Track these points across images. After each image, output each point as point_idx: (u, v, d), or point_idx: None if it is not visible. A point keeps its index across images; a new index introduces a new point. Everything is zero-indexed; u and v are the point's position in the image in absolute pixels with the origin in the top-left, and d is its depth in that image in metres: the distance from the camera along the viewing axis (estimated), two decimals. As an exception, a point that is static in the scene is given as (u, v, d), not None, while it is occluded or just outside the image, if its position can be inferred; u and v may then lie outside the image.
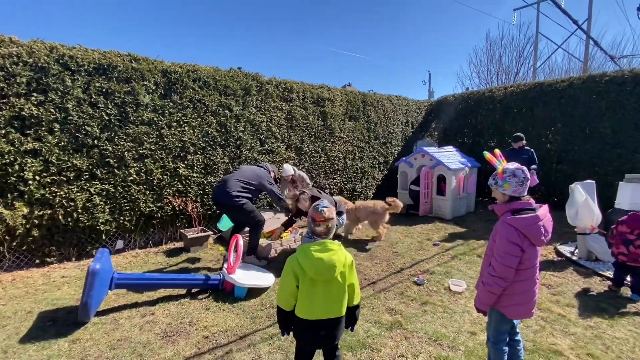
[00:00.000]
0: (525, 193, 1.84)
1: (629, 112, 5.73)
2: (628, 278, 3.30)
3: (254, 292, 3.24)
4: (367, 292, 3.30)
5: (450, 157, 6.49)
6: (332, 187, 6.93)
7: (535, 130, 6.91)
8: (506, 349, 1.97)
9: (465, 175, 6.42)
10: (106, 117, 4.14)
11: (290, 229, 4.53)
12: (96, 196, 4.13)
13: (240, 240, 3.37)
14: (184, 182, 4.85)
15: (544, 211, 1.79)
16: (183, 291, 3.26)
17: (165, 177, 4.66)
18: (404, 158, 6.95)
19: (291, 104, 6.02)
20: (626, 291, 3.27)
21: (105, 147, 4.15)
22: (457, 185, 6.28)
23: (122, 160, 4.30)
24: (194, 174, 4.93)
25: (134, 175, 4.39)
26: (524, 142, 5.72)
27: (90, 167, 4.08)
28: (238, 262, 3.30)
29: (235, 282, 3.15)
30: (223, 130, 5.17)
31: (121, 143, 4.27)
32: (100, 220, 4.19)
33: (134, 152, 4.38)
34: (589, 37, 11.72)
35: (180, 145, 4.78)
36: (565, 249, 4.41)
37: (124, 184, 4.33)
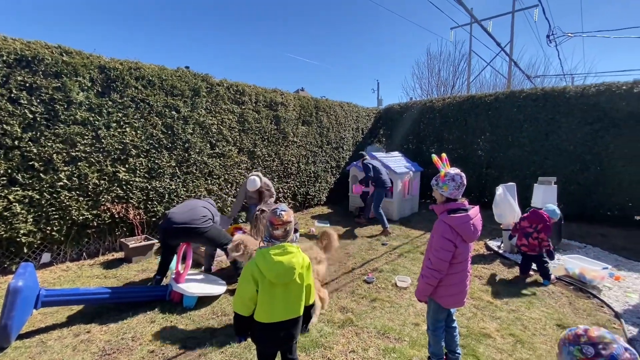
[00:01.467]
0: (461, 196, 2.07)
1: (541, 124, 6.67)
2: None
3: (204, 301, 3.13)
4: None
5: (397, 161, 6.93)
6: (285, 191, 6.95)
7: (469, 138, 7.69)
8: (444, 335, 2.19)
9: (409, 178, 6.90)
10: (30, 115, 3.68)
11: None
12: (16, 204, 3.64)
13: (190, 248, 3.24)
14: (124, 187, 4.49)
15: (474, 211, 2.04)
16: (125, 305, 3.02)
17: (102, 182, 4.28)
18: (354, 162, 7.23)
19: (243, 107, 5.92)
20: (540, 278, 3.81)
21: (28, 149, 3.69)
22: (403, 188, 6.72)
23: (49, 164, 3.85)
24: (137, 179, 4.60)
25: (65, 180, 3.96)
26: (365, 158, 5.98)
27: (9, 171, 3.59)
28: (187, 270, 3.16)
29: (184, 292, 3.01)
30: (169, 132, 4.90)
31: (49, 144, 3.82)
32: (22, 232, 3.69)
33: (64, 154, 3.95)
34: (510, 59, 13.38)
35: (120, 147, 4.42)
36: (493, 244, 4.98)
37: (52, 190, 3.88)
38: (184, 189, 5.10)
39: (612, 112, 5.93)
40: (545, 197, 4.74)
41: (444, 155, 2.22)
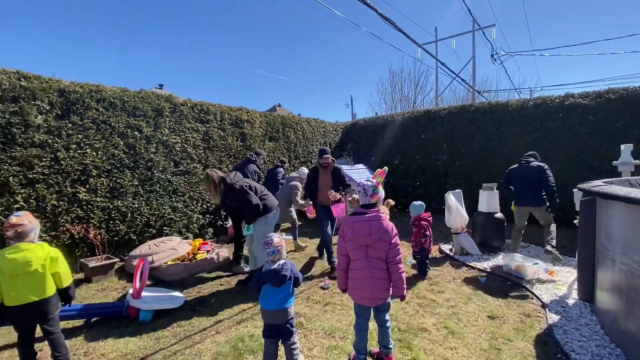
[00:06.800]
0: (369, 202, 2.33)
1: (490, 134, 7.25)
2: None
3: (162, 314, 3.23)
4: (276, 301, 3.54)
5: (360, 173, 7.28)
6: (253, 205, 7.10)
7: (428, 150, 8.19)
8: (363, 332, 2.37)
9: (373, 189, 7.24)
10: (-15, 139, 3.73)
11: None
12: (-31, 228, 3.63)
13: (147, 264, 3.35)
14: (85, 207, 4.53)
15: (368, 217, 2.18)
16: (80, 322, 3.07)
17: (62, 203, 4.31)
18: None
19: (208, 125, 6.12)
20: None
21: (-18, 173, 3.71)
22: (367, 199, 7.04)
23: (5, 187, 3.88)
24: (98, 199, 4.65)
25: (22, 203, 3.98)
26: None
27: (-38, 195, 3.60)
28: (144, 285, 3.26)
29: (140, 306, 3.10)
30: (132, 151, 5.01)
31: (5, 167, 3.86)
32: (-26, 256, 3.66)
33: (21, 177, 3.99)
34: (474, 75, 14.44)
35: (80, 168, 4.49)
36: (446, 247, 5.33)
37: (8, 213, 3.88)
38: (147, 207, 5.17)
39: (548, 122, 6.57)
40: (489, 201, 5.18)
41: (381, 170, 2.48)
